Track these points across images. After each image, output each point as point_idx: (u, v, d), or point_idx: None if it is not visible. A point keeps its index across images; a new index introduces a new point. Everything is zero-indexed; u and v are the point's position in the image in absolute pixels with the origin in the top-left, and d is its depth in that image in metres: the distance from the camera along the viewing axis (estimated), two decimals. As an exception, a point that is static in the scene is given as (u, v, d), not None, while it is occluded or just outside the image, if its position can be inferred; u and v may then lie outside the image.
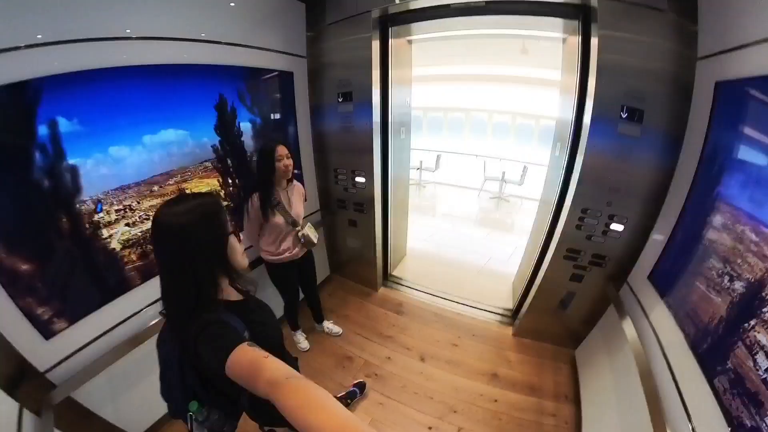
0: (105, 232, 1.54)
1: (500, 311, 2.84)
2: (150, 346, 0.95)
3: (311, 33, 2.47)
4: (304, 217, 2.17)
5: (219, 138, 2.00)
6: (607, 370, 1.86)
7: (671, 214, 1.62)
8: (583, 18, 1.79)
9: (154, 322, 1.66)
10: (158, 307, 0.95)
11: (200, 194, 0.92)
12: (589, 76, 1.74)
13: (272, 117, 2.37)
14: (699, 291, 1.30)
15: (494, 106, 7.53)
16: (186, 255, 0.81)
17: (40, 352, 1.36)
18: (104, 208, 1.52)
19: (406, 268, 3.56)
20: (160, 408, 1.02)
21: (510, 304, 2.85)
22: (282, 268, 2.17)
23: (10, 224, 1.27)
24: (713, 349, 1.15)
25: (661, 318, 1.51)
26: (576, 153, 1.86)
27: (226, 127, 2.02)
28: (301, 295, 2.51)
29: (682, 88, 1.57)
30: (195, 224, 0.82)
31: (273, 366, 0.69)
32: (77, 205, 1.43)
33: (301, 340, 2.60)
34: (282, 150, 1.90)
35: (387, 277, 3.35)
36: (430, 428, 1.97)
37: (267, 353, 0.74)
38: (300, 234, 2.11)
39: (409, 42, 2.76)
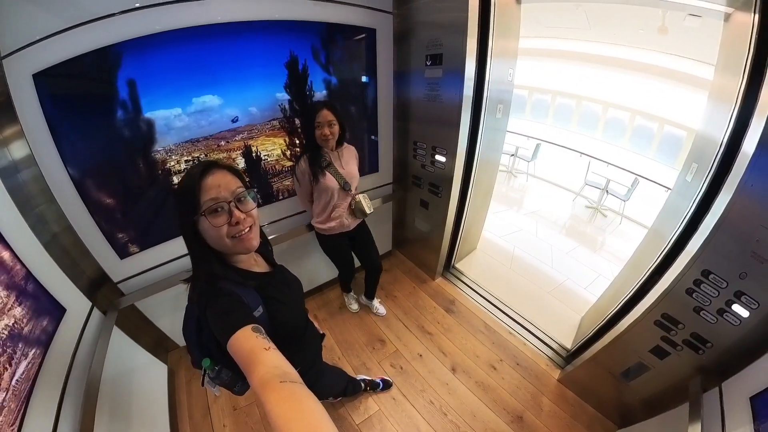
0: (175, 179, 1.73)
1: (555, 347, 2.34)
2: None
3: (398, -12, 2.11)
4: (365, 192, 2.03)
5: (288, 97, 1.96)
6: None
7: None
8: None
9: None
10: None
11: (202, 162, 0.85)
12: (764, 80, 1.04)
13: (349, 77, 2.20)
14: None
15: (612, 98, 5.86)
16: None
17: (115, 267, 1.69)
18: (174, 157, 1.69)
19: (472, 263, 3.21)
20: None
21: (569, 343, 2.31)
22: (332, 240, 2.12)
23: (99, 167, 1.52)
24: None
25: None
26: (720, 186, 1.20)
27: (296, 86, 1.96)
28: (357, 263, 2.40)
29: None
30: (175, 193, 0.84)
31: (270, 363, 0.62)
32: (153, 154, 1.62)
33: (352, 302, 2.66)
34: (325, 116, 1.72)
35: (448, 268, 3.08)
36: (430, 445, 1.84)
37: (270, 344, 0.67)
38: (352, 202, 2.02)
39: (518, 1, 2.12)
